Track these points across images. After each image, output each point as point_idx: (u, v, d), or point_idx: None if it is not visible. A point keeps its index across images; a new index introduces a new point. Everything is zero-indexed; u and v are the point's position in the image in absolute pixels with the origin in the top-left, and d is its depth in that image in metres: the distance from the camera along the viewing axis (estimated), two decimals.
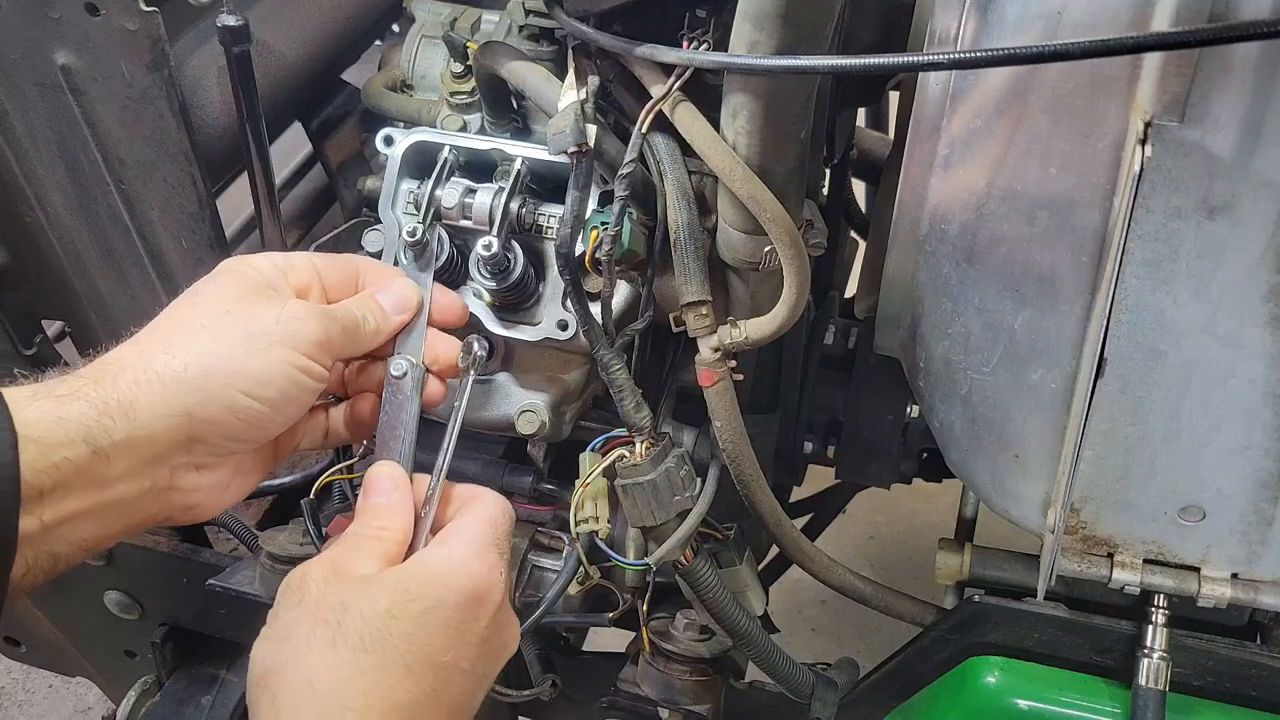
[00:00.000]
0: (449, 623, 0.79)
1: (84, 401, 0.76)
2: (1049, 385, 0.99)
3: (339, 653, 0.75)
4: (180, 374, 0.79)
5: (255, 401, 0.82)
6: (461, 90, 1.15)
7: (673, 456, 1.06)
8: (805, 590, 2.43)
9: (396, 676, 0.76)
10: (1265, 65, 0.82)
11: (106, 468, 0.76)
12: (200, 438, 0.81)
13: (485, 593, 0.82)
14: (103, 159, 1.10)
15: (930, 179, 0.96)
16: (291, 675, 0.75)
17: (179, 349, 0.81)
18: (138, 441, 0.77)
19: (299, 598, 0.79)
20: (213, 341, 0.82)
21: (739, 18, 0.88)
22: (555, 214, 1.06)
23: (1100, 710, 1.10)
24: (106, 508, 0.77)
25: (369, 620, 0.76)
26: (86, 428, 0.75)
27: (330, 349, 0.88)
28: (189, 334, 0.82)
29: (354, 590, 0.79)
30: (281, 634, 0.78)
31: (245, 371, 0.82)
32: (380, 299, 0.95)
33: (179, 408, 0.79)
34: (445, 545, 0.84)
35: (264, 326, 0.84)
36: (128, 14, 0.99)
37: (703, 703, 1.25)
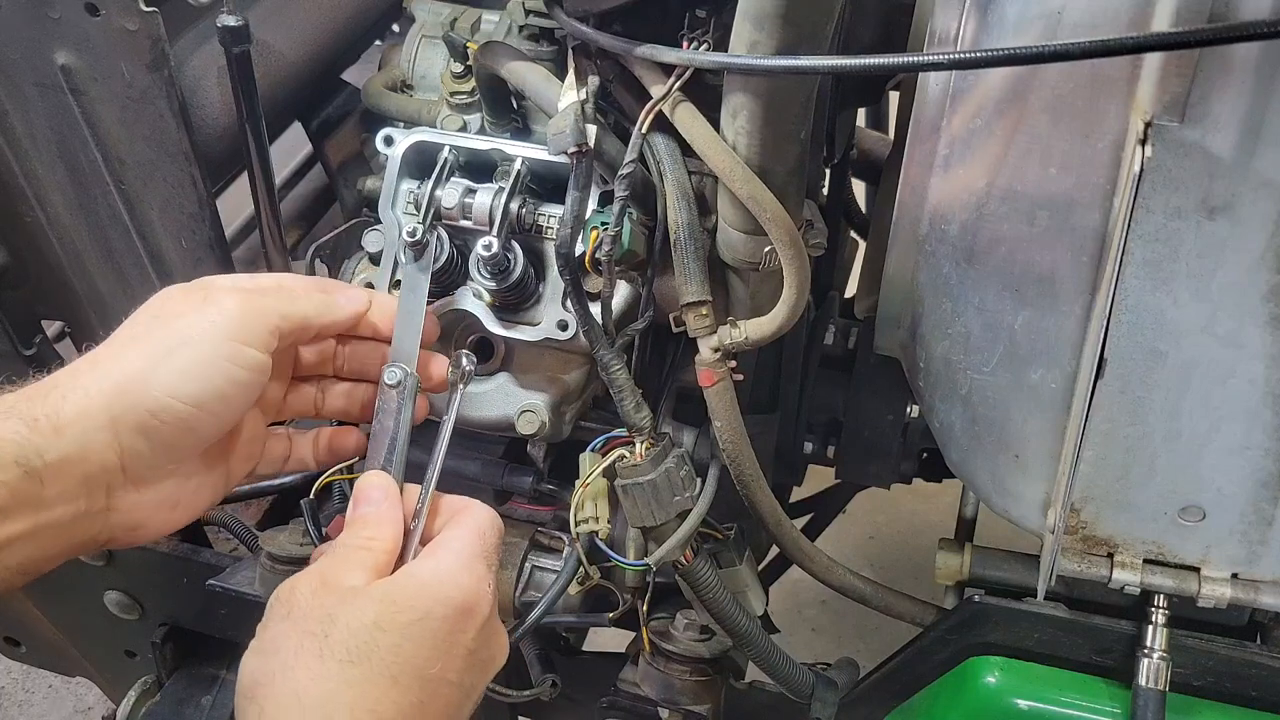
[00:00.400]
0: (436, 635, 0.79)
1: (16, 419, 0.75)
2: (1049, 385, 0.99)
3: (326, 665, 0.75)
4: (102, 384, 0.78)
5: (177, 401, 0.79)
6: (461, 90, 1.15)
7: (673, 456, 1.06)
8: (805, 590, 2.43)
9: (383, 688, 0.75)
10: (1265, 65, 0.82)
11: (40, 489, 0.75)
12: (131, 450, 0.79)
13: (473, 605, 0.81)
14: (103, 159, 1.10)
15: (930, 179, 0.96)
16: (278, 688, 0.75)
17: (105, 362, 0.80)
18: (70, 460, 0.76)
19: (287, 610, 0.78)
20: (135, 348, 0.80)
21: (739, 18, 0.88)
22: (555, 214, 1.06)
23: (1100, 710, 1.10)
24: (43, 530, 0.75)
25: (356, 632, 0.76)
26: (19, 446, 0.74)
27: (265, 328, 0.84)
28: (118, 349, 0.81)
29: (341, 602, 0.78)
30: (269, 646, 0.78)
31: (164, 370, 0.79)
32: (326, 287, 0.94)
33: (103, 419, 0.77)
34: (434, 557, 0.83)
35: (184, 323, 0.81)
36: (128, 14, 0.99)
37: (703, 703, 1.25)
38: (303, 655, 0.75)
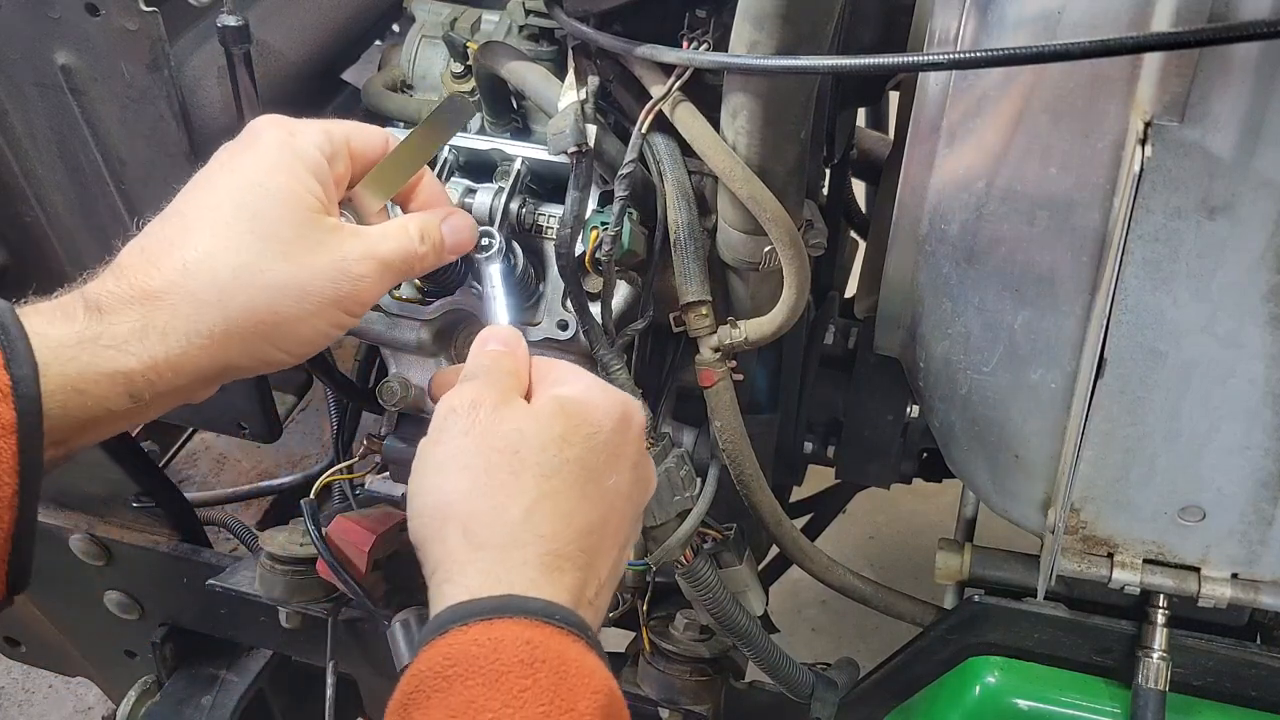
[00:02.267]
0: (609, 445, 0.80)
1: (133, 358, 0.75)
2: (1049, 385, 0.99)
3: (522, 480, 0.76)
4: (228, 329, 0.78)
5: (289, 357, 0.82)
6: (461, 90, 1.15)
7: (673, 456, 1.06)
8: (805, 590, 2.43)
9: (575, 501, 0.77)
10: (1265, 65, 0.81)
11: (144, 412, 0.77)
12: (228, 375, 0.82)
13: (633, 413, 0.84)
14: (103, 159, 1.10)
15: (930, 179, 0.96)
16: (478, 504, 0.75)
17: (233, 291, 0.78)
18: (178, 391, 0.78)
19: (470, 423, 0.78)
20: (264, 292, 0.79)
21: (739, 18, 0.88)
22: (555, 214, 1.06)
23: (1100, 710, 1.10)
24: (131, 427, 0.81)
25: (545, 447, 0.77)
26: (131, 383, 0.75)
27: (375, 297, 0.86)
28: (247, 269, 0.79)
29: (528, 418, 0.79)
30: (455, 463, 0.77)
31: (292, 333, 0.81)
32: (444, 229, 0.92)
33: (220, 362, 0.79)
34: (571, 384, 0.83)
35: (319, 286, 0.81)
36: (128, 14, 0.99)
37: (703, 703, 1.25)
38: (497, 472, 0.76)
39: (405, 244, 0.87)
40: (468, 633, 0.69)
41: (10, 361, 0.69)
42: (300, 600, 1.27)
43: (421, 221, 0.90)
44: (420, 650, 0.69)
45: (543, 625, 0.70)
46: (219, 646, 1.48)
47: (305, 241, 0.81)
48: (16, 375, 0.69)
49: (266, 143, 0.84)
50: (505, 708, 0.66)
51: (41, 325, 0.74)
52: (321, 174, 0.84)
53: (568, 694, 0.67)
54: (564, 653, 0.69)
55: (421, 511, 0.77)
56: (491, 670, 0.67)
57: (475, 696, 0.66)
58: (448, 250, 0.92)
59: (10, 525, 0.70)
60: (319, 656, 1.34)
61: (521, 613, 0.70)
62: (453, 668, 0.67)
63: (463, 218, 0.94)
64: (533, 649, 0.68)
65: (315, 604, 1.27)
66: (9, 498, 0.69)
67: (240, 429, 1.29)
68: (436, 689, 0.67)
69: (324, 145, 0.85)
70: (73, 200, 1.15)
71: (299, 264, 0.80)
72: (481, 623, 0.69)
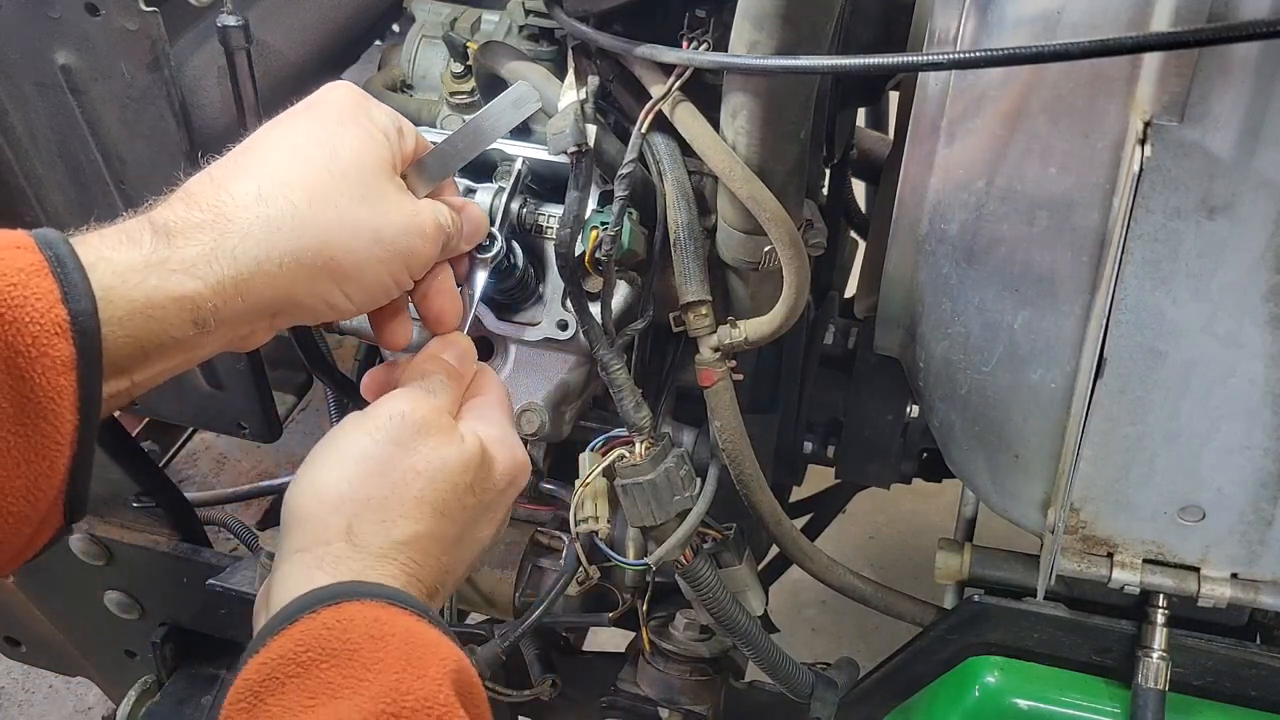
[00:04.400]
0: (496, 504, 0.86)
1: (201, 281, 0.75)
2: (1049, 385, 0.99)
3: (421, 509, 0.80)
4: (299, 258, 0.78)
5: (350, 303, 0.83)
6: (461, 90, 1.15)
7: (672, 456, 1.06)
8: (805, 590, 2.43)
9: (452, 544, 0.82)
10: (1265, 65, 0.82)
11: (206, 340, 0.77)
12: (288, 313, 0.82)
13: (521, 477, 0.89)
14: (103, 159, 1.10)
15: (930, 179, 0.96)
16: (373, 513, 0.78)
17: (308, 221, 0.79)
18: (242, 317, 0.78)
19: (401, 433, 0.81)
20: (340, 227, 0.80)
21: (739, 18, 0.88)
22: (555, 214, 1.06)
23: (1100, 710, 1.10)
24: (192, 362, 0.79)
25: (455, 488, 0.81)
26: (198, 310, 0.75)
27: (431, 260, 0.88)
28: (322, 202, 0.80)
29: (455, 454, 0.82)
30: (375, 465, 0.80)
31: (358, 277, 0.81)
32: (466, 217, 0.94)
33: (286, 293, 0.79)
34: (491, 427, 0.87)
35: (392, 234, 0.83)
36: (128, 14, 0.99)
37: (703, 703, 1.25)
38: (405, 491, 0.79)
39: (447, 221, 0.90)
40: (318, 618, 0.71)
41: (68, 296, 0.68)
42: None
43: (449, 207, 0.92)
44: (270, 638, 0.71)
45: (389, 605, 0.73)
46: (219, 646, 1.47)
47: (380, 189, 0.83)
48: (75, 310, 0.68)
49: (343, 99, 0.86)
50: (360, 682, 0.68)
51: (107, 250, 0.73)
52: (392, 140, 0.86)
53: (418, 661, 0.70)
54: (410, 627, 0.72)
55: (317, 487, 0.80)
56: (343, 650, 0.69)
57: (331, 678, 0.68)
58: (464, 240, 0.94)
59: (69, 460, 0.70)
60: None
61: (369, 596, 0.73)
62: (306, 653, 0.69)
63: (477, 210, 0.96)
64: (380, 625, 0.71)
65: None
66: (69, 433, 0.69)
67: (240, 429, 1.29)
68: (292, 675, 0.69)
69: (394, 119, 0.88)
70: (73, 200, 1.14)
71: (374, 208, 0.82)
72: (330, 607, 0.71)
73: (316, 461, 0.81)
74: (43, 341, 0.67)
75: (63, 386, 0.68)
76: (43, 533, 0.73)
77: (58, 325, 0.67)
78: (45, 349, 0.67)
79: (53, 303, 0.67)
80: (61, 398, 0.68)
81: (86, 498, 0.73)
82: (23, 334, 0.66)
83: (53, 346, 0.67)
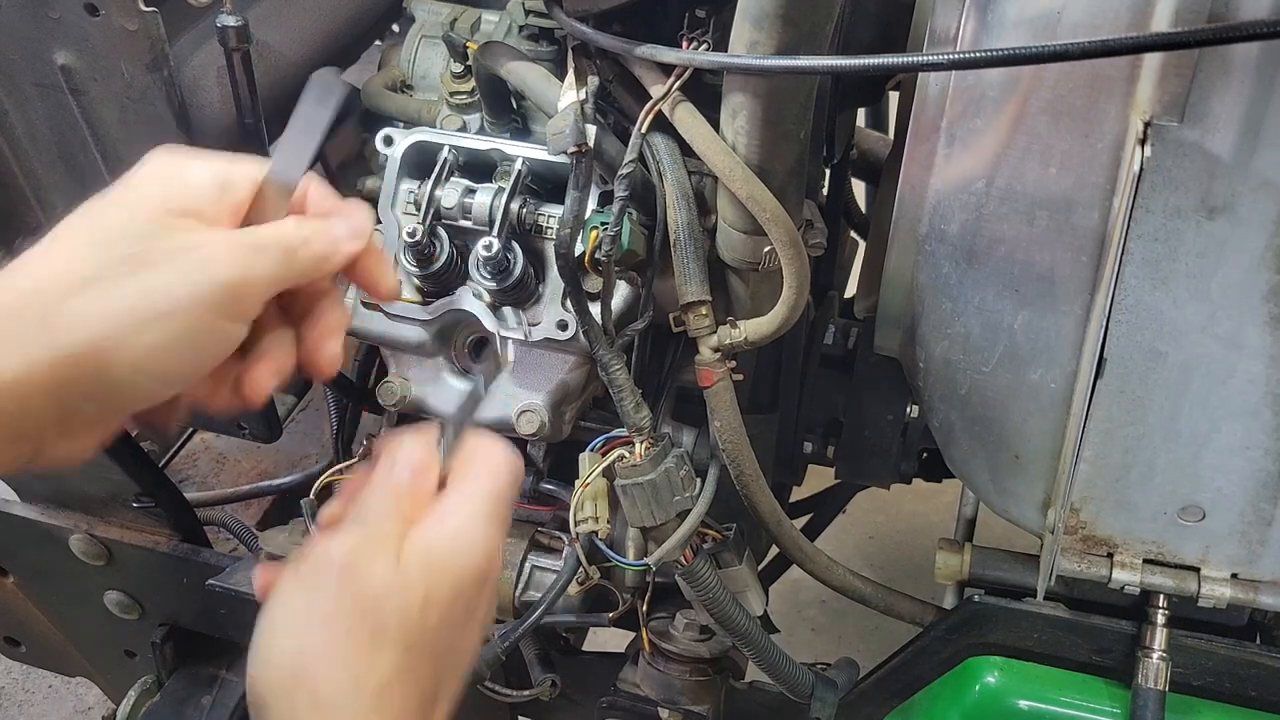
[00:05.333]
0: (466, 607, 0.78)
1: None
2: (1049, 385, 0.99)
3: (382, 653, 0.73)
4: (51, 340, 0.68)
5: (146, 377, 0.71)
6: (461, 90, 1.15)
7: (672, 456, 1.06)
8: (805, 590, 2.43)
9: (428, 671, 0.75)
10: (1265, 65, 0.82)
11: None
12: (74, 412, 0.70)
13: (492, 568, 0.79)
14: (103, 159, 1.10)
15: (930, 179, 0.96)
16: (335, 673, 0.72)
17: (53, 301, 0.69)
18: (3, 416, 0.67)
19: (341, 578, 0.73)
20: (94, 295, 0.69)
21: (739, 18, 0.88)
22: (555, 214, 1.06)
23: (1100, 710, 1.10)
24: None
25: (408, 611, 0.74)
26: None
27: (253, 294, 0.74)
28: (71, 280, 0.70)
29: (395, 579, 0.74)
30: (320, 619, 0.73)
31: (135, 347, 0.69)
32: (331, 222, 0.79)
33: (49, 386, 0.68)
34: (444, 523, 0.77)
35: (161, 281, 0.70)
36: (128, 14, 0.99)
37: (703, 703, 1.25)
38: (358, 640, 0.72)
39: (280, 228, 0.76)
40: None
41: None
42: None
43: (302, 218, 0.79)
44: None
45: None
46: (219, 646, 1.47)
47: (154, 243, 0.71)
48: None
49: (145, 166, 0.76)
50: None
51: None
52: (200, 190, 0.75)
53: None
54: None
55: (273, 662, 0.73)
56: None
57: None
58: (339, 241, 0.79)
59: None
60: None
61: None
62: None
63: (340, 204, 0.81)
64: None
65: None
66: None
67: (240, 429, 1.29)
68: None
69: (217, 170, 0.76)
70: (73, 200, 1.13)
71: (148, 265, 0.70)
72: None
73: (263, 631, 0.74)
74: None
75: None
76: None
77: None
78: None
79: None
80: None
81: None
82: None
83: None
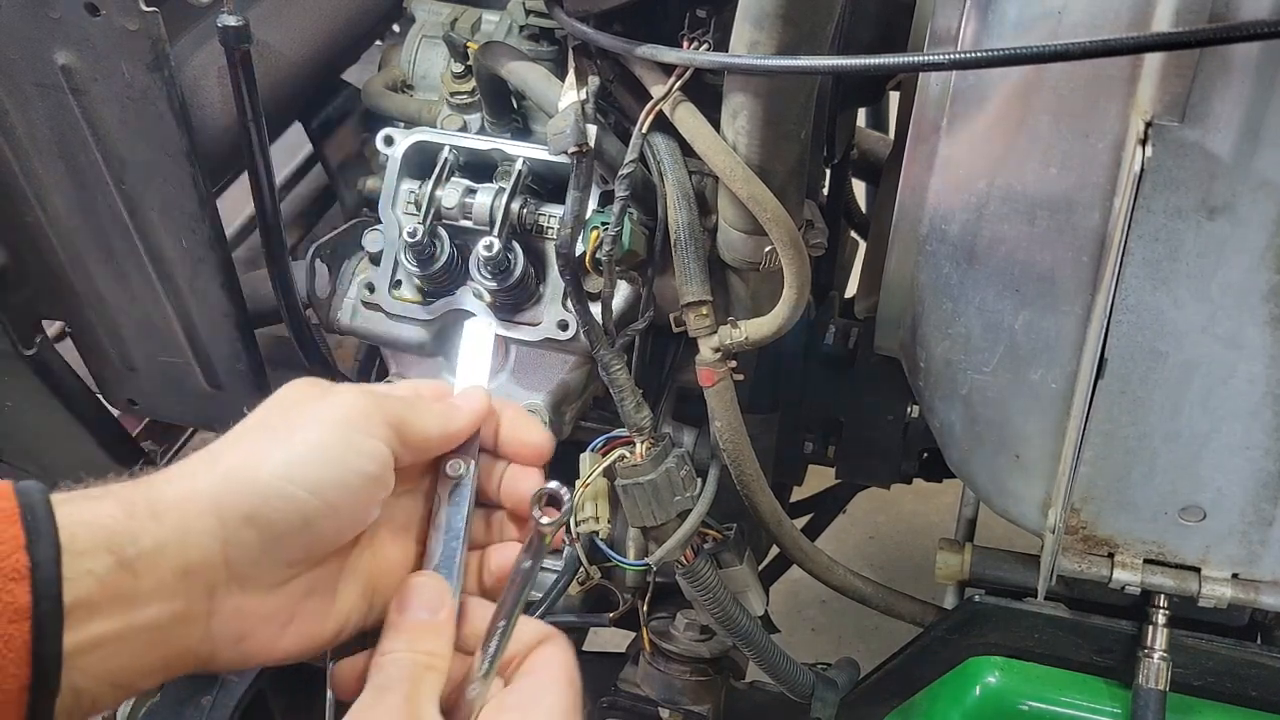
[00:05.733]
0: None
1: (113, 500, 0.67)
2: (1049, 385, 0.99)
3: None
4: (211, 469, 0.70)
5: (292, 485, 0.70)
6: (461, 90, 1.15)
7: (673, 456, 1.06)
8: (805, 590, 2.42)
9: None
10: (1265, 65, 0.81)
11: (134, 582, 0.66)
12: (236, 541, 0.69)
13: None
14: (103, 159, 1.10)
15: (930, 179, 0.96)
16: None
17: (219, 451, 0.72)
18: (167, 549, 0.67)
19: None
20: (250, 436, 0.73)
21: (739, 18, 0.88)
22: (555, 214, 1.06)
23: (1100, 710, 1.10)
24: (137, 634, 0.66)
25: None
26: (112, 532, 0.65)
27: (383, 421, 0.75)
28: (233, 439, 0.73)
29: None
30: None
31: (278, 454, 0.71)
32: (451, 399, 0.82)
33: (207, 504, 0.69)
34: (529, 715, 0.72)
35: (301, 410, 0.73)
36: (128, 14, 0.99)
37: (703, 703, 1.25)
38: None
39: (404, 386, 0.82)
40: None
41: (32, 544, 0.62)
42: None
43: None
44: None
45: None
46: None
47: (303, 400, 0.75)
48: (38, 558, 0.62)
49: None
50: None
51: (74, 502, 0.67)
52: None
53: None
54: None
55: None
56: None
57: None
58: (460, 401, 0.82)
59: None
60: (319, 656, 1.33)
61: None
62: None
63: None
64: None
65: None
66: (18, 690, 0.61)
67: None
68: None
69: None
70: (73, 200, 1.14)
71: (292, 411, 0.75)
72: None
73: None
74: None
75: (13, 635, 0.61)
76: None
77: (16, 571, 0.61)
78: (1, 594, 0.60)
79: (15, 548, 0.61)
80: (10, 649, 0.61)
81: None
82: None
83: (7, 592, 0.61)
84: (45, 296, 1.25)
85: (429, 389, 0.83)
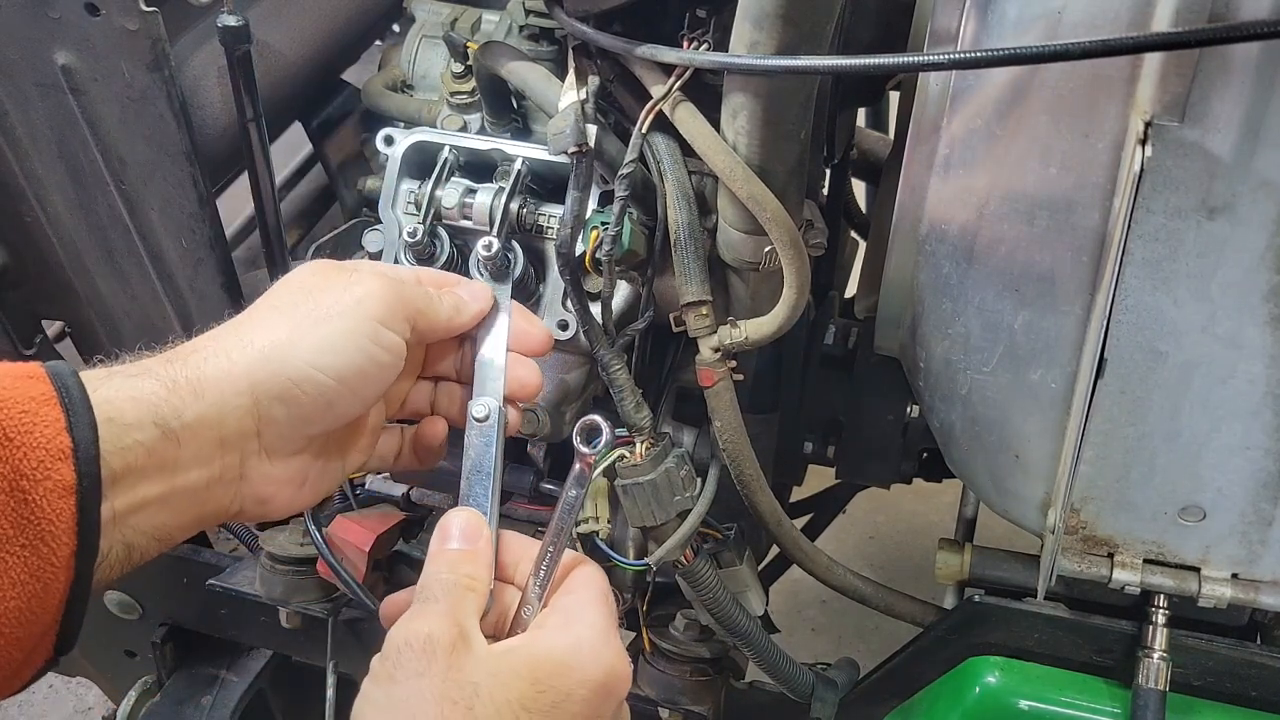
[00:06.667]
0: (575, 716, 0.75)
1: (154, 379, 0.75)
2: (1049, 385, 0.99)
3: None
4: (245, 350, 0.78)
5: (321, 373, 0.80)
6: (461, 90, 1.15)
7: (673, 456, 1.06)
8: (805, 590, 2.43)
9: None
10: (1265, 65, 0.81)
11: (176, 450, 0.75)
12: (268, 417, 0.79)
13: (615, 685, 0.78)
14: (103, 159, 1.10)
15: (930, 179, 0.96)
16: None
17: (248, 330, 0.80)
18: (206, 422, 0.76)
19: (425, 665, 0.73)
20: (281, 319, 0.81)
21: (739, 18, 0.88)
22: (555, 214, 1.06)
23: (1100, 710, 1.10)
24: (177, 495, 0.76)
25: (500, 709, 0.72)
26: (156, 407, 0.74)
27: (404, 315, 0.85)
28: (260, 317, 0.82)
29: (486, 673, 0.74)
30: (403, 707, 0.72)
31: (309, 341, 0.80)
32: (456, 289, 0.93)
33: (244, 384, 0.77)
34: (570, 631, 0.78)
35: (332, 296, 0.82)
36: (128, 14, 0.99)
37: (703, 703, 1.25)
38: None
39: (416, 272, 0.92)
40: None
41: (73, 425, 0.70)
42: (300, 600, 1.27)
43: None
44: None
45: None
46: (219, 646, 1.48)
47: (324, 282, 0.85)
48: (78, 439, 0.69)
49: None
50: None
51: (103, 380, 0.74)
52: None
53: None
54: None
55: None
56: None
57: None
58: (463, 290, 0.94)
59: (66, 587, 0.70)
60: (319, 656, 1.34)
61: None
62: None
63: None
64: None
65: (315, 604, 1.27)
66: (67, 558, 0.69)
67: None
68: None
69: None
70: (73, 200, 1.15)
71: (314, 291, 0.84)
72: None
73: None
74: (47, 466, 0.68)
75: (62, 510, 0.68)
76: (32, 661, 0.72)
77: (61, 451, 0.68)
78: (49, 473, 0.68)
79: (58, 430, 0.69)
80: (60, 520, 0.68)
81: (78, 633, 0.73)
82: (28, 458, 0.68)
83: (55, 471, 0.68)
84: (45, 296, 1.25)
85: (430, 277, 0.93)
